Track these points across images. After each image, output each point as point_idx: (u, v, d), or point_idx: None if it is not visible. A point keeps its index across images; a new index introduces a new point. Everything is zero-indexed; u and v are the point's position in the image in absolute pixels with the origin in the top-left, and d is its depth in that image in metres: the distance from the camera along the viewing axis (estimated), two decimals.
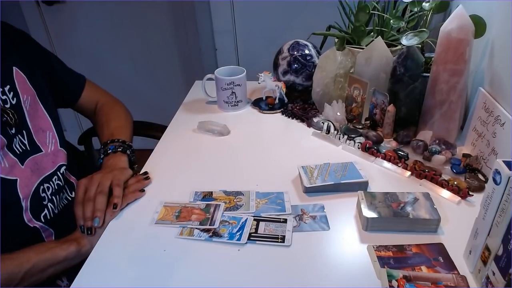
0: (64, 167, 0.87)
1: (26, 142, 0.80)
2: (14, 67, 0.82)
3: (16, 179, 0.75)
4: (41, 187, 0.80)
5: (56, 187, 0.84)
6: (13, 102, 0.79)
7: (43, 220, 0.80)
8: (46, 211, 0.81)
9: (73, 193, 0.91)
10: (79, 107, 1.03)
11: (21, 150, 0.78)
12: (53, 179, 0.84)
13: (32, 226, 0.78)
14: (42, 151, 0.83)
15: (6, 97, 0.77)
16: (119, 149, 0.89)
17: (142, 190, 0.81)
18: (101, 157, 0.89)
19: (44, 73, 0.91)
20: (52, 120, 0.87)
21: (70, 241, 0.73)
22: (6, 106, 0.77)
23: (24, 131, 0.80)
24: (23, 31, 0.90)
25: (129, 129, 1.00)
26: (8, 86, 0.78)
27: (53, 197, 0.83)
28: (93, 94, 1.04)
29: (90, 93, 1.03)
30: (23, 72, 0.83)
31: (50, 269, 0.70)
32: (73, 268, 0.83)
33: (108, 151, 0.88)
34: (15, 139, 0.77)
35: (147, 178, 0.84)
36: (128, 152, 0.90)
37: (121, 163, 0.87)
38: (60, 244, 0.72)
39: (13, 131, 0.77)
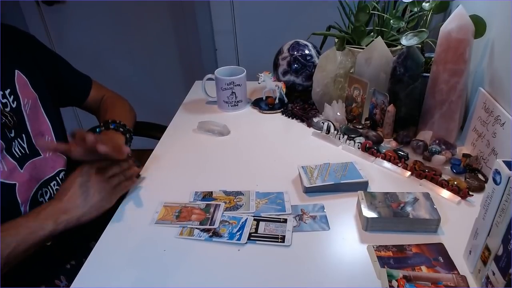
0: (63, 173, 0.87)
1: (25, 146, 0.79)
2: (16, 70, 0.81)
3: (15, 184, 0.75)
4: (40, 192, 0.80)
5: (54, 192, 0.84)
6: (13, 106, 0.78)
7: None
8: None
9: None
10: (86, 106, 1.04)
11: (20, 154, 0.77)
12: (52, 184, 0.83)
13: None
14: (41, 155, 0.82)
15: (6, 101, 0.77)
16: (120, 129, 0.89)
17: (138, 176, 0.84)
18: (102, 128, 0.89)
19: (48, 76, 0.90)
20: (52, 124, 0.87)
21: (46, 217, 0.68)
22: (6, 109, 0.76)
23: (23, 135, 0.79)
24: (28, 34, 0.90)
25: (129, 119, 1.00)
26: (8, 90, 0.78)
27: None
28: (99, 94, 1.04)
29: (97, 93, 1.04)
30: (26, 75, 0.83)
31: (32, 249, 0.67)
32: (72, 268, 0.83)
33: (110, 127, 0.89)
34: (14, 143, 0.77)
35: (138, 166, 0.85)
36: (127, 135, 0.90)
37: (120, 141, 0.87)
38: (38, 222, 0.68)
39: (12, 134, 0.77)
